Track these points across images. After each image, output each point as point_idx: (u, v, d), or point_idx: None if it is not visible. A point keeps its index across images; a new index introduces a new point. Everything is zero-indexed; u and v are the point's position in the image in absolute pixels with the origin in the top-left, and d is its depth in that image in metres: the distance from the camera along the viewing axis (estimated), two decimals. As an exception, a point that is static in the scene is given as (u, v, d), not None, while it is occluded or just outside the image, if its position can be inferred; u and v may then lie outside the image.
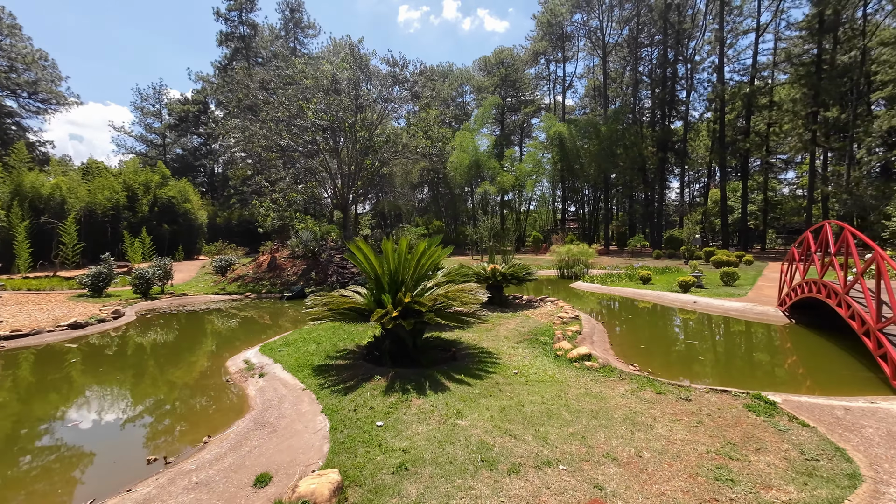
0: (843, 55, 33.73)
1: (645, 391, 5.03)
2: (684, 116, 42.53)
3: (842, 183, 32.98)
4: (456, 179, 47.56)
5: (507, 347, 7.15)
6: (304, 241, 24.55)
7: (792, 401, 4.54)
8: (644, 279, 17.67)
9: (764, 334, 9.25)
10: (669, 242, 36.70)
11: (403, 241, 6.19)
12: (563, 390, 5.07)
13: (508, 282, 11.74)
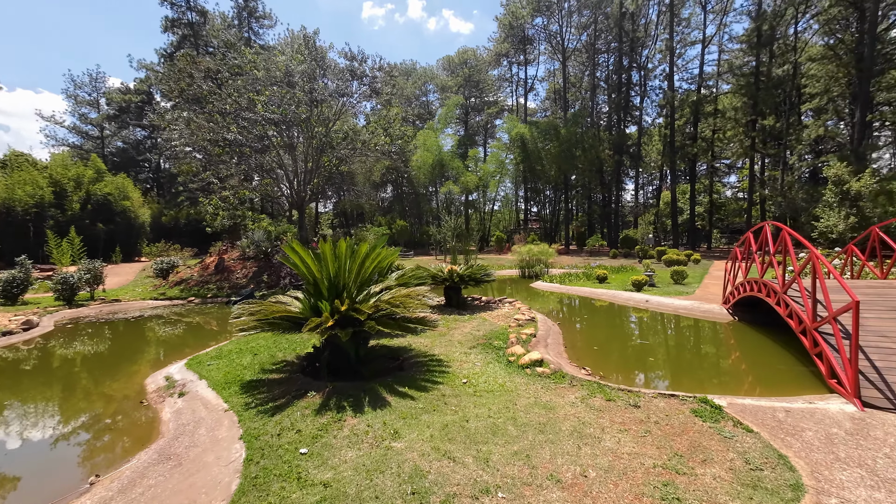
0: (777, 68, 36.40)
1: (595, 398, 4.85)
2: (638, 121, 44.39)
3: (777, 187, 35.57)
4: (420, 179, 47.12)
5: (460, 354, 6.83)
6: (255, 241, 23.22)
7: (736, 404, 4.49)
8: (600, 278, 18.01)
9: (710, 332, 9.51)
10: (625, 242, 38.11)
11: (342, 243, 5.70)
12: (511, 401, 4.79)
13: (466, 283, 11.47)
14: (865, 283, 6.94)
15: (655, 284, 16.26)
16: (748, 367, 6.98)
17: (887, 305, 5.76)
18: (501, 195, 56.30)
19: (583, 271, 21.65)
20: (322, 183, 25.47)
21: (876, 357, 4.76)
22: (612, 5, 40.45)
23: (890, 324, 5.30)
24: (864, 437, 3.73)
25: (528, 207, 55.96)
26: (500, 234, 46.39)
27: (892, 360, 4.70)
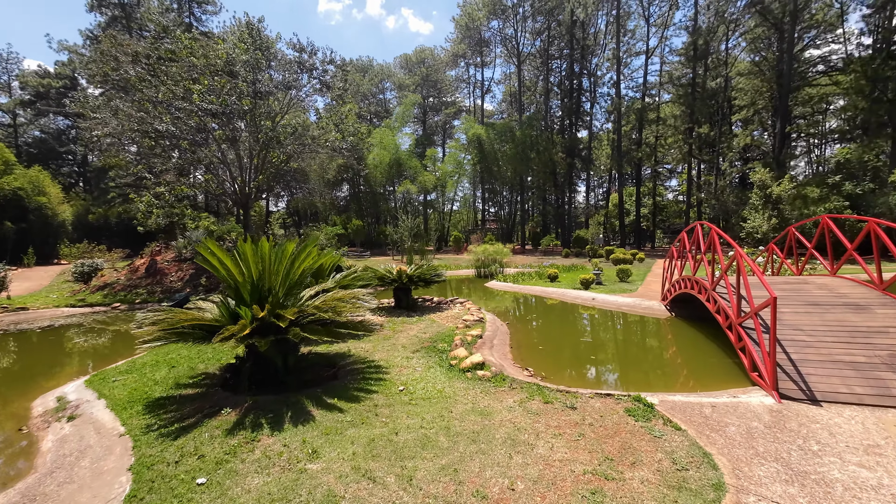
0: (711, 81, 39.27)
1: (533, 401, 4.73)
2: (589, 126, 46.22)
3: (711, 190, 38.38)
4: (376, 177, 46.21)
5: (401, 358, 6.52)
6: (193, 241, 21.58)
7: (667, 401, 4.54)
8: (552, 277, 18.39)
9: (650, 328, 9.87)
10: (577, 242, 39.51)
11: (264, 243, 5.21)
12: (448, 408, 4.56)
13: (416, 284, 11.17)
14: (783, 279, 7.45)
15: (602, 282, 16.83)
16: (683, 361, 7.23)
17: (802, 300, 6.17)
18: (460, 196, 56.58)
19: (536, 270, 22.07)
20: (269, 180, 24.07)
21: (792, 350, 5.02)
22: (564, 13, 41.79)
23: (804, 318, 5.65)
24: (780, 430, 3.85)
25: (486, 208, 56.55)
26: (457, 234, 46.50)
27: (806, 352, 4.98)
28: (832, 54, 35.61)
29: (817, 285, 6.78)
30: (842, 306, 5.83)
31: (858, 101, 28.45)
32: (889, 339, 4.96)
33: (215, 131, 20.03)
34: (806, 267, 9.56)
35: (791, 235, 8.35)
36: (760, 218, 24.20)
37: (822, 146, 42.93)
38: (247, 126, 20.60)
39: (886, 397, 4.21)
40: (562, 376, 6.28)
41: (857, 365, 4.64)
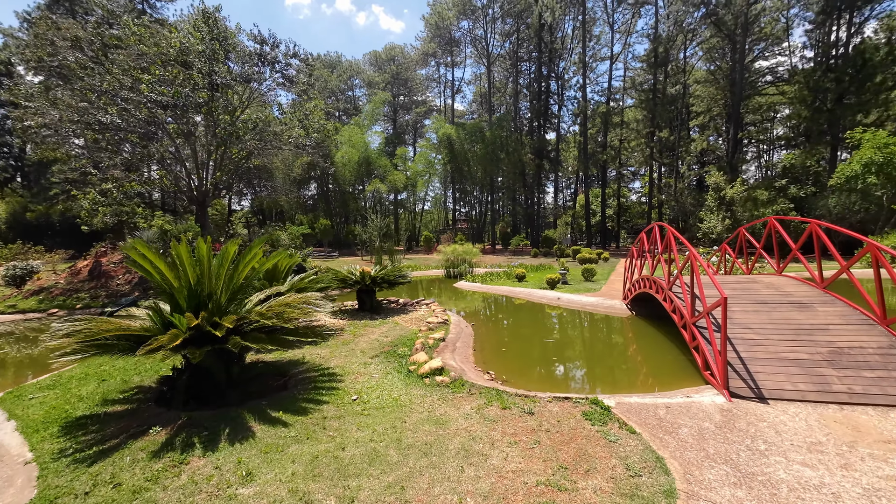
0: (671, 87, 41.00)
1: (491, 407, 4.59)
2: (557, 128, 47.15)
3: (671, 192, 40.05)
4: (345, 176, 45.26)
5: (358, 365, 6.24)
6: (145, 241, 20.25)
7: (623, 403, 4.51)
8: (519, 277, 18.51)
9: (611, 327, 10.03)
10: (545, 242, 40.20)
11: (202, 244, 4.80)
12: (402, 417, 4.34)
13: (379, 285, 10.86)
14: (734, 278, 7.73)
15: (568, 282, 17.09)
16: (642, 359, 7.34)
17: (751, 299, 6.38)
18: (431, 196, 56.41)
19: (505, 270, 22.19)
20: (229, 177, 22.94)
21: (742, 348, 5.15)
22: (533, 16, 42.41)
23: (753, 316, 5.84)
24: (730, 430, 3.89)
25: (457, 208, 56.56)
26: (428, 234, 46.27)
27: (755, 350, 5.12)
28: (779, 66, 38.08)
29: (765, 284, 7.05)
30: (787, 304, 6.07)
31: (801, 110, 30.45)
32: (829, 335, 5.18)
33: (169, 125, 18.86)
34: (755, 266, 9.99)
35: (741, 236, 8.70)
36: (715, 219, 25.41)
37: (770, 152, 45.72)
38: (204, 120, 19.53)
39: (827, 393, 4.36)
40: (523, 379, 6.20)
41: (801, 362, 4.80)
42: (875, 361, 4.65)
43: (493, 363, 6.88)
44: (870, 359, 4.70)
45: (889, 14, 29.18)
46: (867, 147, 20.63)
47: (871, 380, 4.42)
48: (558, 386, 5.96)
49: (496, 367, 6.66)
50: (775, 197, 26.94)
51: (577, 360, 7.34)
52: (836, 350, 4.90)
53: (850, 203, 22.61)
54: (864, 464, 3.27)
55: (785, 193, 27.54)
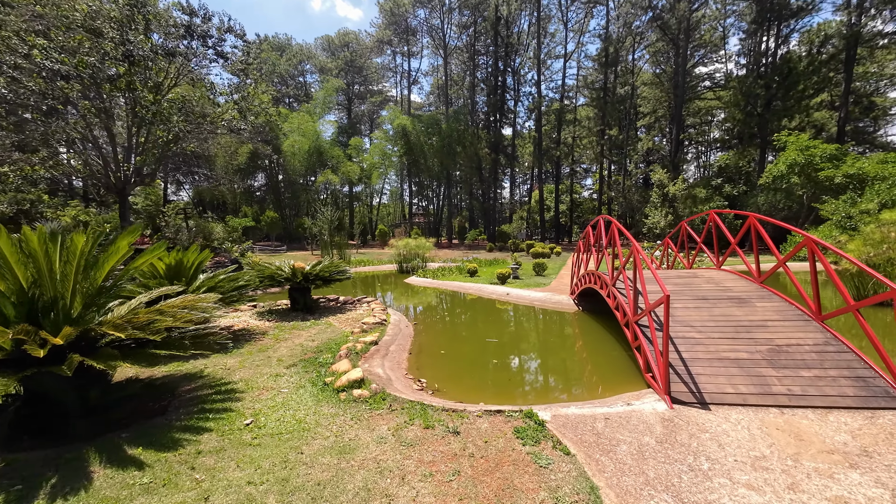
0: (621, 88, 42.38)
1: (412, 426, 3.93)
2: (513, 123, 47.38)
3: (620, 189, 41.57)
4: (294, 166, 42.87)
5: (268, 377, 5.35)
6: (46, 234, 17.62)
7: (560, 416, 4.02)
8: (471, 272, 18.10)
9: (557, 324, 9.75)
10: (501, 236, 40.37)
11: (31, 236, 3.72)
12: (299, 447, 3.56)
13: (313, 282, 9.87)
14: (676, 273, 7.62)
15: (519, 276, 16.88)
16: (586, 359, 7.02)
17: (693, 294, 6.21)
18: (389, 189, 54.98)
19: (458, 265, 21.73)
20: (154, 163, 20.57)
21: (684, 348, 4.87)
22: (489, 9, 42.10)
23: (694, 313, 5.62)
24: (671, 446, 3.48)
25: (415, 202, 55.51)
26: (383, 227, 45.05)
27: (696, 350, 4.85)
28: (716, 72, 40.46)
29: (705, 279, 6.95)
30: (726, 300, 5.92)
31: (736, 112, 32.45)
32: (768, 332, 5.03)
33: (79, 101, 16.41)
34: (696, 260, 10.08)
35: (683, 230, 8.66)
36: (659, 214, 26.44)
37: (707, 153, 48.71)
38: (123, 97, 17.24)
39: (767, 395, 4.11)
40: (459, 387, 5.60)
41: (741, 362, 4.56)
42: (812, 360, 4.50)
43: (428, 369, 6.24)
44: (807, 357, 4.54)
45: (809, 29, 31.73)
46: (791, 149, 22.17)
47: (809, 380, 4.23)
48: (495, 394, 5.42)
49: (431, 373, 6.03)
50: (712, 195, 28.54)
51: (518, 363, 6.86)
52: (774, 348, 4.72)
53: (776, 201, 24.33)
54: (810, 482, 2.94)
55: (721, 192, 29.28)
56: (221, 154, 40.28)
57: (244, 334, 7.75)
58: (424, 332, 8.61)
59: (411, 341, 7.71)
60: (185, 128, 18.74)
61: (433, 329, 9.04)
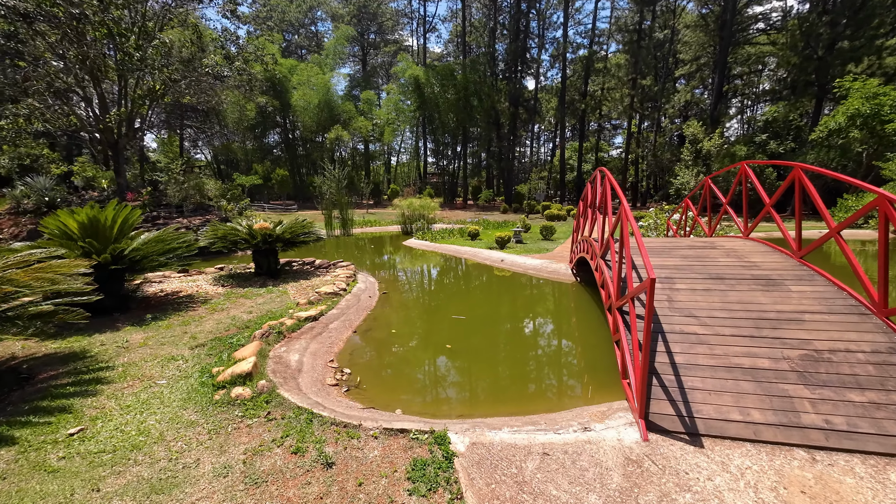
0: (659, 31, 37.75)
1: (277, 450, 2.88)
2: (535, 74, 43.59)
3: (649, 146, 38.15)
4: (306, 122, 41.37)
5: (160, 361, 4.41)
6: (38, 189, 17.41)
7: (481, 445, 2.86)
8: (472, 235, 16.86)
9: (543, 298, 8.48)
10: (518, 197, 38.39)
11: None
12: (104, 477, 2.59)
13: (270, 245, 8.84)
14: (689, 241, 6.08)
15: (523, 241, 15.50)
16: (560, 350, 5.79)
17: (704, 272, 4.75)
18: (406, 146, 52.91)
19: (462, 227, 20.50)
20: (143, 114, 19.63)
21: (679, 348, 3.54)
22: (513, -61, 37.42)
23: (701, 297, 4.21)
24: (629, 512, 2.28)
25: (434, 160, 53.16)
26: (395, 187, 43.70)
27: (696, 351, 3.51)
28: (772, 12, 35.18)
29: (725, 250, 5.41)
30: (750, 280, 4.45)
31: (791, 57, 28.24)
32: (803, 330, 3.60)
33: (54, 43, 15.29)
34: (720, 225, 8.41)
35: (706, 188, 6.95)
36: (689, 174, 23.81)
37: (753, 107, 43.77)
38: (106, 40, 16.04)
39: (793, 428, 2.79)
40: (387, 381, 4.53)
41: (759, 373, 3.22)
42: (868, 376, 3.10)
43: (364, 354, 5.18)
44: (860, 371, 3.14)
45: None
46: (855, 97, 18.90)
47: (861, 407, 2.87)
48: (426, 396, 4.27)
49: (365, 359, 4.97)
50: (754, 153, 25.38)
51: (476, 350, 5.66)
52: (811, 355, 3.33)
53: (829, 159, 21.24)
54: None
55: (764, 149, 26.00)
56: (231, 110, 39.16)
57: (183, 302, 6.89)
58: (387, 304, 7.53)
59: (365, 315, 6.65)
60: (171, 75, 17.51)
61: (399, 300, 7.94)
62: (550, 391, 4.26)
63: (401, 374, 4.69)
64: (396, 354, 5.28)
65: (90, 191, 22.02)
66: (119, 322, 5.78)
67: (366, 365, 4.80)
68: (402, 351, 5.43)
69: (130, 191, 19.08)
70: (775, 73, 36.66)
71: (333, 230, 21.84)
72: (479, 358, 5.31)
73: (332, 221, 22.22)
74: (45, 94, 17.20)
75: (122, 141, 19.69)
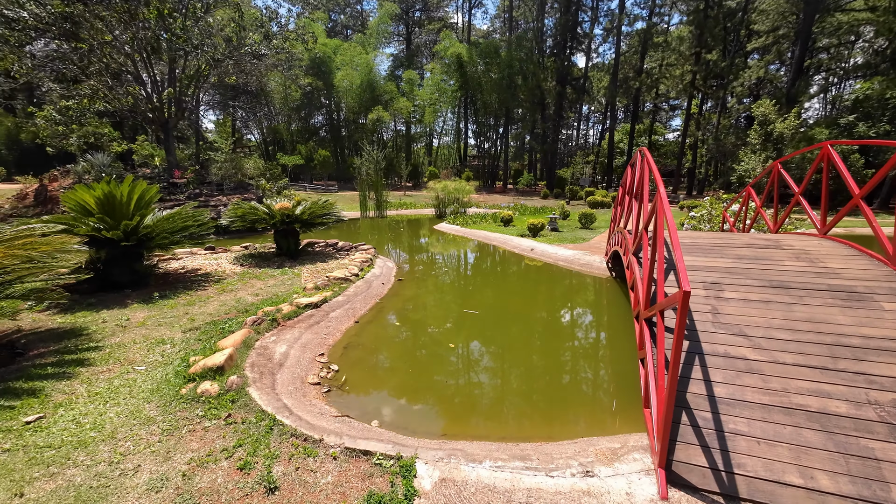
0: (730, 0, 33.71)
1: (223, 462, 2.54)
2: (587, 50, 40.72)
3: (711, 129, 34.69)
4: (349, 103, 41.62)
5: (150, 344, 4.27)
6: (97, 165, 18.60)
7: (452, 482, 2.34)
8: (505, 221, 16.14)
9: (571, 295, 7.71)
10: (559, 182, 36.64)
11: None
12: (32, 480, 2.37)
13: (288, 226, 8.67)
14: (748, 238, 5.06)
15: (559, 229, 14.57)
16: (578, 359, 5.10)
17: (763, 278, 3.84)
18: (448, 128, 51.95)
19: (496, 212, 19.78)
20: (191, 94, 20.34)
21: (719, 376, 2.79)
22: None
23: (758, 311, 3.36)
24: None
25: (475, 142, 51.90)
26: (433, 169, 43.14)
27: (743, 382, 2.74)
28: (876, -32, 30.08)
29: (794, 251, 4.41)
30: (825, 292, 3.52)
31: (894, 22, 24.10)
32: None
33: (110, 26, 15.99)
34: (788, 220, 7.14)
35: (774, 174, 5.79)
36: (755, 159, 21.24)
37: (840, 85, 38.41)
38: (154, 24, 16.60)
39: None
40: (376, 382, 4.10)
41: (832, 420, 2.43)
42: None
43: (359, 349, 4.78)
44: (984, 430, 2.28)
45: None
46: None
47: None
48: (413, 405, 3.79)
49: (359, 355, 4.59)
50: (837, 136, 22.16)
51: (481, 352, 5.10)
52: (909, 400, 2.48)
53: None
54: None
55: (850, 132, 22.63)
56: (278, 91, 40.11)
57: (197, 280, 6.88)
58: (399, 293, 7.12)
59: (372, 304, 6.28)
60: (214, 55, 17.87)
61: (413, 289, 7.50)
62: (556, 410, 3.64)
63: (391, 374, 4.26)
64: (392, 351, 4.85)
65: (144, 168, 23.42)
66: (129, 298, 5.79)
67: (357, 361, 4.41)
68: (400, 348, 4.99)
69: (178, 168, 20.01)
70: (871, 44, 31.67)
71: (368, 211, 21.82)
72: (482, 361, 4.76)
73: (366, 203, 22.18)
74: (104, 75, 18.20)
75: (171, 121, 20.59)
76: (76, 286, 6.21)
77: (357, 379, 4.04)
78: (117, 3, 15.01)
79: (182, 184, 18.39)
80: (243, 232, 12.56)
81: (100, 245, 6.00)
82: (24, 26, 13.84)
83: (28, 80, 19.76)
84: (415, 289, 7.56)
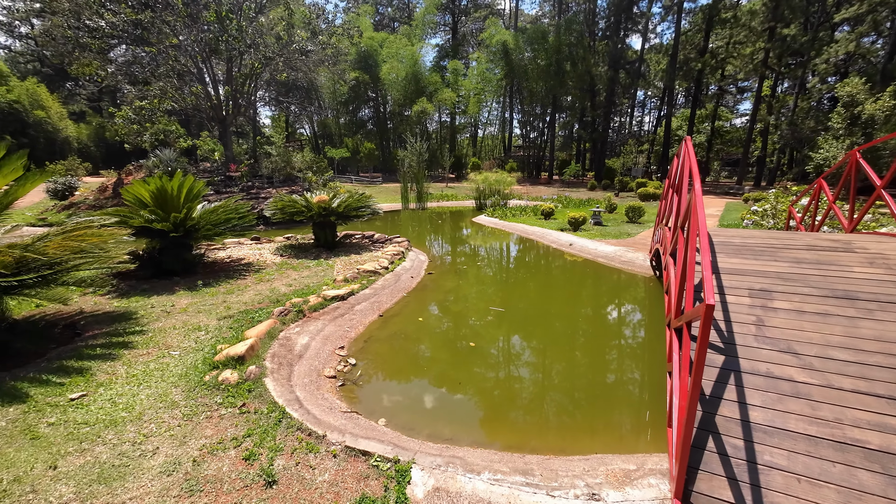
0: (816, -39, 29.82)
1: (230, 452, 2.65)
2: (643, 29, 38.05)
3: (785, 113, 31.20)
4: (395, 95, 42.16)
5: (188, 330, 4.57)
6: (165, 160, 20.26)
7: (445, 493, 2.26)
8: (546, 214, 15.64)
9: (608, 295, 7.27)
10: (608, 173, 34.89)
11: None
12: (66, 454, 2.60)
13: (324, 218, 8.91)
14: (810, 238, 4.40)
15: (603, 223, 13.87)
16: (606, 364, 4.79)
17: (824, 286, 3.31)
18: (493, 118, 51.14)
19: (537, 206, 19.24)
20: (247, 91, 21.54)
21: (757, 400, 2.45)
22: None
23: (812, 325, 2.90)
24: None
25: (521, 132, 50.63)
26: (475, 160, 42.69)
27: (786, 408, 2.37)
28: None
29: (868, 255, 3.79)
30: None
31: None
32: None
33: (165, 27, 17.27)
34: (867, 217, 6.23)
35: (851, 164, 5.01)
36: (837, 146, 18.81)
37: (955, 55, 32.80)
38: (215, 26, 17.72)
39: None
40: (388, 379, 4.10)
41: (895, 462, 2.04)
42: None
43: (380, 343, 4.81)
44: None
45: None
46: None
47: None
48: (426, 401, 3.71)
49: (379, 348, 4.61)
50: (944, 117, 18.99)
51: (503, 351, 4.92)
52: None
53: None
54: None
55: (964, 112, 19.29)
56: (327, 86, 41.45)
57: (240, 269, 7.30)
58: (428, 287, 7.10)
59: (399, 298, 6.31)
60: (266, 52, 18.76)
61: (442, 284, 7.44)
62: (571, 420, 3.42)
63: (407, 372, 4.24)
64: (412, 348, 4.83)
65: (205, 162, 25.27)
66: (177, 286, 6.25)
67: (375, 356, 4.44)
68: (420, 344, 4.95)
69: (234, 162, 21.36)
70: None
71: (409, 203, 22.07)
72: (502, 363, 4.61)
73: (408, 195, 22.44)
74: (171, 76, 19.73)
75: (228, 117, 21.93)
76: (134, 272, 6.83)
77: (373, 374, 4.07)
78: (181, 8, 16.14)
79: (237, 177, 19.64)
80: (288, 223, 13.15)
81: (153, 235, 6.52)
82: (103, 34, 15.25)
83: (109, 83, 21.90)
84: (443, 283, 7.50)
